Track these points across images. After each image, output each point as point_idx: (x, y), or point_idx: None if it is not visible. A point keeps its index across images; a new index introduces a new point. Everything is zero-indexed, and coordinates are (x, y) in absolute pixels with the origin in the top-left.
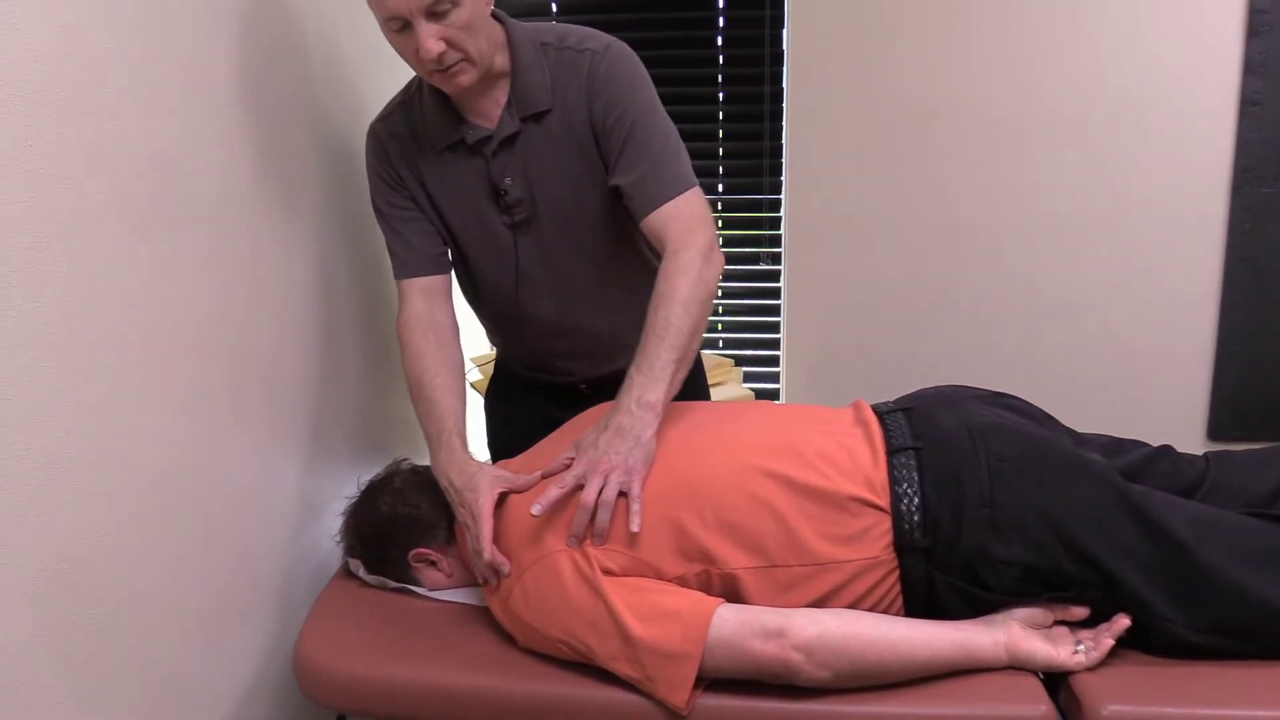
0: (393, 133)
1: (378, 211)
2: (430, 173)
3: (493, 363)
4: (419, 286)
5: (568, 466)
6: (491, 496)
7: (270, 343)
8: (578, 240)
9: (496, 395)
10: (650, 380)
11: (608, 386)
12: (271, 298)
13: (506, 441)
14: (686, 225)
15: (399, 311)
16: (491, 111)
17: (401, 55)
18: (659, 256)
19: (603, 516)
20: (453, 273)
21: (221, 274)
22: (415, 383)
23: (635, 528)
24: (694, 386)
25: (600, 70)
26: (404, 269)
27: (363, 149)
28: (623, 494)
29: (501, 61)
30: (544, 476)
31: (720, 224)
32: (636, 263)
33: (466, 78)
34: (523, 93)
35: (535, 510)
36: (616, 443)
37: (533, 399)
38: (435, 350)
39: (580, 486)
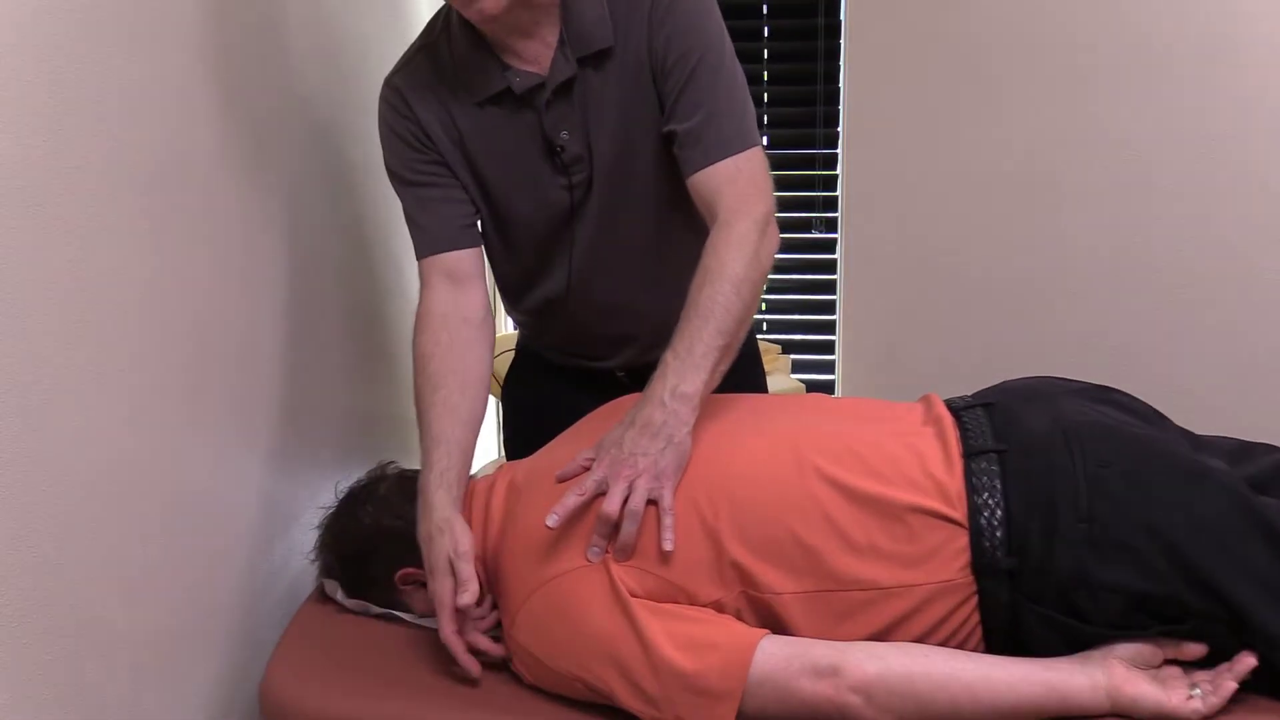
0: (417, 84)
1: (398, 180)
2: (468, 128)
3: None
4: (444, 268)
5: (586, 468)
6: (449, 586)
7: (237, 326)
8: (642, 206)
9: (517, 381)
10: (688, 368)
11: (647, 375)
12: (237, 272)
13: (527, 435)
14: (744, 191)
15: (419, 300)
16: (541, 54)
17: None
18: None
19: (628, 529)
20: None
21: (177, 244)
22: (415, 397)
23: (668, 545)
24: (747, 376)
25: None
26: (428, 244)
27: (341, 103)
28: (652, 503)
29: None
30: (559, 480)
31: None
32: (698, 234)
33: (492, 3)
34: (577, 29)
35: (550, 522)
36: (644, 442)
37: (561, 387)
38: (446, 354)
39: (602, 493)
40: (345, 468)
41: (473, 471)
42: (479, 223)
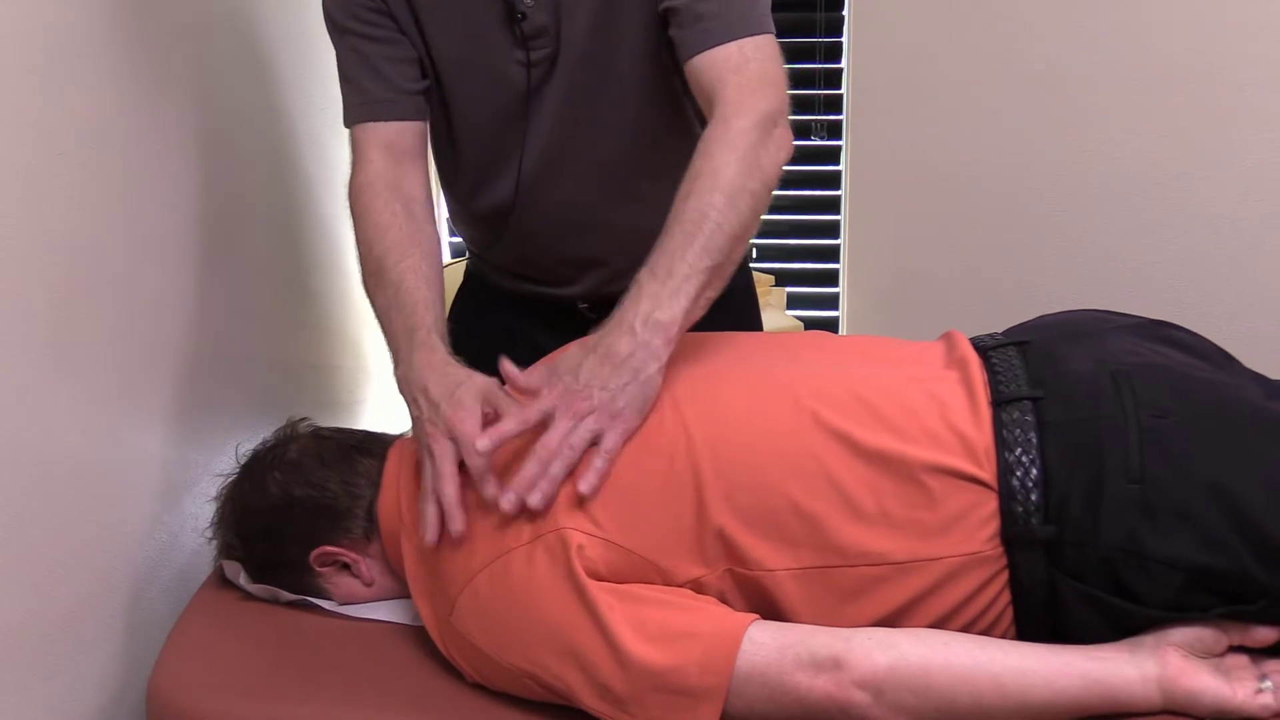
0: None
1: (335, 26)
2: None
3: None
4: (382, 138)
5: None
6: (477, 418)
7: (114, 249)
8: (618, 99)
9: (462, 312)
10: (667, 292)
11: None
12: (112, 181)
13: None
14: (750, 83)
15: (351, 174)
16: None
17: None
18: None
19: (554, 469)
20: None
21: (33, 147)
22: (375, 266)
23: (584, 488)
24: (742, 315)
25: None
26: (364, 108)
27: None
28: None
29: None
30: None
31: None
32: (690, 142)
33: None
34: None
35: (480, 445)
36: (604, 373)
37: (515, 319)
38: (404, 224)
39: (546, 426)
40: (250, 427)
41: (399, 431)
42: (428, 95)
